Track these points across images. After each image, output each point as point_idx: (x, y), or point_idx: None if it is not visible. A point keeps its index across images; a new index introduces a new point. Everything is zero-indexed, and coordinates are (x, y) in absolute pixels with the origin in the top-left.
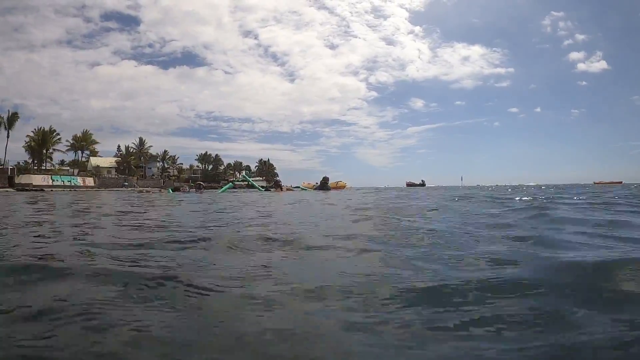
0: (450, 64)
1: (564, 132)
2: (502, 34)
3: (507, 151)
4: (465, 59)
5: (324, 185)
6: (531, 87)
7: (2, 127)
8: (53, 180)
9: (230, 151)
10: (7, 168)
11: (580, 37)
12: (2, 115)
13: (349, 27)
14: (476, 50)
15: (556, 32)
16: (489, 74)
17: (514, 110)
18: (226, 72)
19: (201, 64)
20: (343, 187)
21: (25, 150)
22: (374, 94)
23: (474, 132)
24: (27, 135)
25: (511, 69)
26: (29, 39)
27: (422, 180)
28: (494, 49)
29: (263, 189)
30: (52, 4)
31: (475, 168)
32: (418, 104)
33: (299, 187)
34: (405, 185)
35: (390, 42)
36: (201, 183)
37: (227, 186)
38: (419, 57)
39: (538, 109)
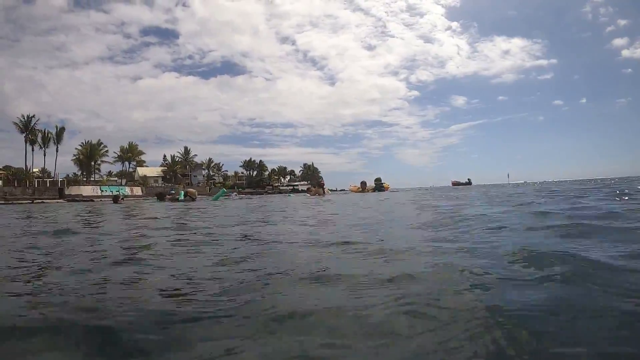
0: (490, 59)
1: (611, 122)
2: (542, 24)
3: (553, 145)
4: (506, 52)
5: (380, 186)
6: (575, 77)
7: (52, 141)
8: (102, 191)
9: (273, 156)
10: (58, 180)
11: (622, 22)
12: (50, 131)
13: (385, 27)
14: (516, 43)
15: (597, 18)
16: (530, 66)
17: (558, 102)
18: (266, 79)
19: (240, 72)
20: (387, 188)
21: (74, 163)
22: (415, 93)
23: (517, 128)
24: (76, 148)
25: (553, 60)
26: (71, 56)
27: (468, 179)
28: (534, 40)
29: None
30: (92, 22)
31: (520, 164)
32: (459, 101)
33: (344, 189)
34: (451, 185)
35: (428, 39)
36: (190, 190)
37: (220, 192)
38: (458, 54)
39: (583, 100)
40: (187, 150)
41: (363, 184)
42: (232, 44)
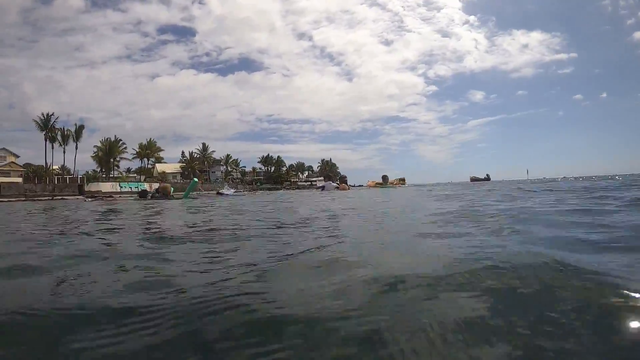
0: (509, 53)
1: (632, 117)
2: (561, 17)
3: (573, 141)
4: (525, 46)
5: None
6: (595, 71)
7: (71, 139)
8: (121, 187)
9: (291, 152)
10: (77, 177)
11: None
12: (70, 129)
13: (402, 22)
14: (535, 37)
15: (617, 11)
16: (550, 60)
17: (578, 97)
18: (284, 75)
19: (258, 69)
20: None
21: (94, 160)
22: (433, 88)
23: (536, 123)
24: (95, 146)
25: (573, 54)
26: (89, 56)
27: (486, 175)
28: (553, 33)
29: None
30: (109, 22)
31: (539, 160)
32: (477, 96)
33: (361, 185)
34: (469, 181)
35: (445, 34)
36: (164, 185)
37: (191, 185)
38: (476, 48)
39: (604, 95)
40: (205, 147)
41: (384, 177)
42: (249, 41)
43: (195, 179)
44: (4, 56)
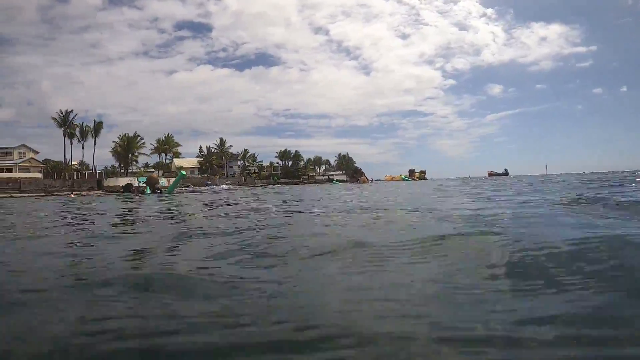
0: (527, 46)
1: None
2: (580, 10)
3: (592, 136)
4: (543, 39)
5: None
6: (615, 65)
7: (89, 135)
8: (139, 182)
9: (307, 147)
10: (96, 172)
11: None
12: (88, 125)
13: (419, 15)
14: (554, 29)
15: (637, 3)
16: (569, 53)
17: (598, 91)
18: (300, 70)
19: (275, 64)
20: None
21: (112, 155)
22: (450, 82)
23: (555, 117)
24: (113, 141)
25: (592, 47)
26: (106, 53)
27: (505, 170)
28: (572, 26)
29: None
30: (125, 19)
31: (558, 155)
32: (496, 89)
33: (379, 179)
34: (487, 175)
35: (462, 27)
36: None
37: (177, 179)
38: (494, 41)
39: (624, 88)
40: (222, 142)
41: (412, 172)
42: (266, 35)
43: (183, 172)
44: (22, 54)
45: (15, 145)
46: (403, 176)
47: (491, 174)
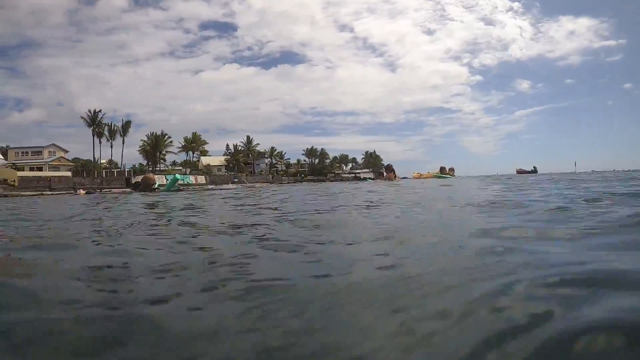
0: (555, 40)
1: None
2: (609, 2)
3: (624, 132)
4: (571, 33)
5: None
6: None
7: (118, 134)
8: (167, 180)
9: (334, 145)
10: (125, 170)
11: None
12: (117, 124)
13: (444, 10)
14: (582, 23)
15: None
16: (598, 47)
17: (628, 86)
18: (326, 67)
19: (300, 62)
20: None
21: (140, 154)
22: (478, 78)
23: (585, 113)
24: (141, 140)
25: (622, 41)
26: (133, 53)
27: (533, 167)
28: (601, 19)
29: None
30: (151, 20)
31: (588, 152)
32: (524, 85)
33: (406, 177)
34: (515, 173)
35: (489, 22)
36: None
37: (171, 180)
38: (521, 35)
39: None
40: (249, 140)
41: (443, 169)
42: (291, 34)
43: (177, 176)
44: (51, 56)
45: (45, 144)
46: (435, 173)
47: (520, 172)
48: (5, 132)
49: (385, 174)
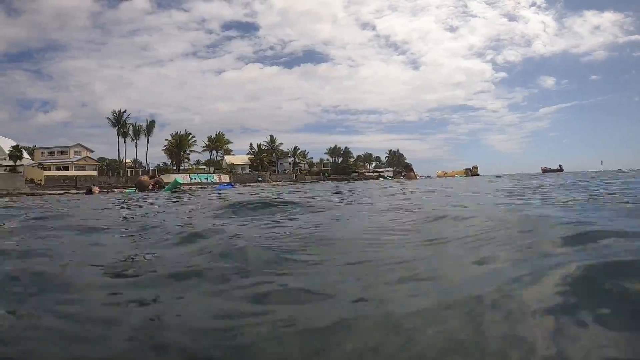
0: (580, 35)
1: None
2: None
3: None
4: (596, 27)
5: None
6: None
7: (142, 134)
8: (191, 179)
9: (357, 143)
10: (149, 169)
11: None
12: (141, 124)
13: (466, 6)
14: (607, 17)
15: None
16: (623, 42)
17: None
18: (349, 66)
19: (323, 60)
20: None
21: (165, 153)
22: (502, 75)
23: (611, 110)
24: (166, 139)
25: None
26: (156, 55)
27: (559, 165)
28: (626, 13)
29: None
30: (173, 22)
31: (614, 150)
32: (548, 82)
33: (429, 176)
34: (540, 171)
35: (512, 18)
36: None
37: (172, 183)
38: (545, 31)
39: None
40: (272, 139)
41: (468, 170)
42: (313, 32)
43: (178, 179)
44: (76, 58)
45: (71, 144)
46: (462, 171)
47: (545, 170)
48: (31, 133)
49: (404, 173)
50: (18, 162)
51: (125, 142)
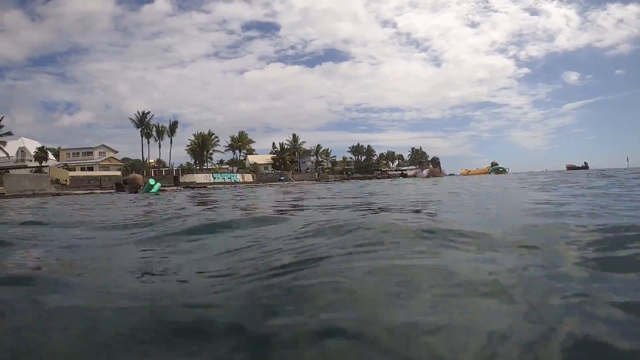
0: (604, 28)
1: None
2: None
3: None
4: (620, 20)
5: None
6: None
7: (165, 134)
8: (214, 178)
9: (380, 142)
10: (173, 169)
11: None
12: (164, 125)
13: (487, 2)
14: (632, 10)
15: None
16: None
17: None
18: (370, 64)
19: (344, 59)
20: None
21: (188, 153)
22: (525, 70)
23: (636, 104)
24: (189, 139)
25: None
26: (178, 56)
27: (584, 163)
28: None
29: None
30: (194, 23)
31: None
32: (572, 77)
33: (453, 174)
34: (565, 169)
35: (534, 12)
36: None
37: (147, 185)
38: (568, 25)
39: None
40: (295, 138)
41: (497, 167)
42: (334, 31)
43: (151, 181)
44: (99, 61)
45: (95, 145)
46: (491, 168)
47: (570, 167)
48: (56, 134)
49: (425, 168)
50: (43, 163)
51: (148, 143)
